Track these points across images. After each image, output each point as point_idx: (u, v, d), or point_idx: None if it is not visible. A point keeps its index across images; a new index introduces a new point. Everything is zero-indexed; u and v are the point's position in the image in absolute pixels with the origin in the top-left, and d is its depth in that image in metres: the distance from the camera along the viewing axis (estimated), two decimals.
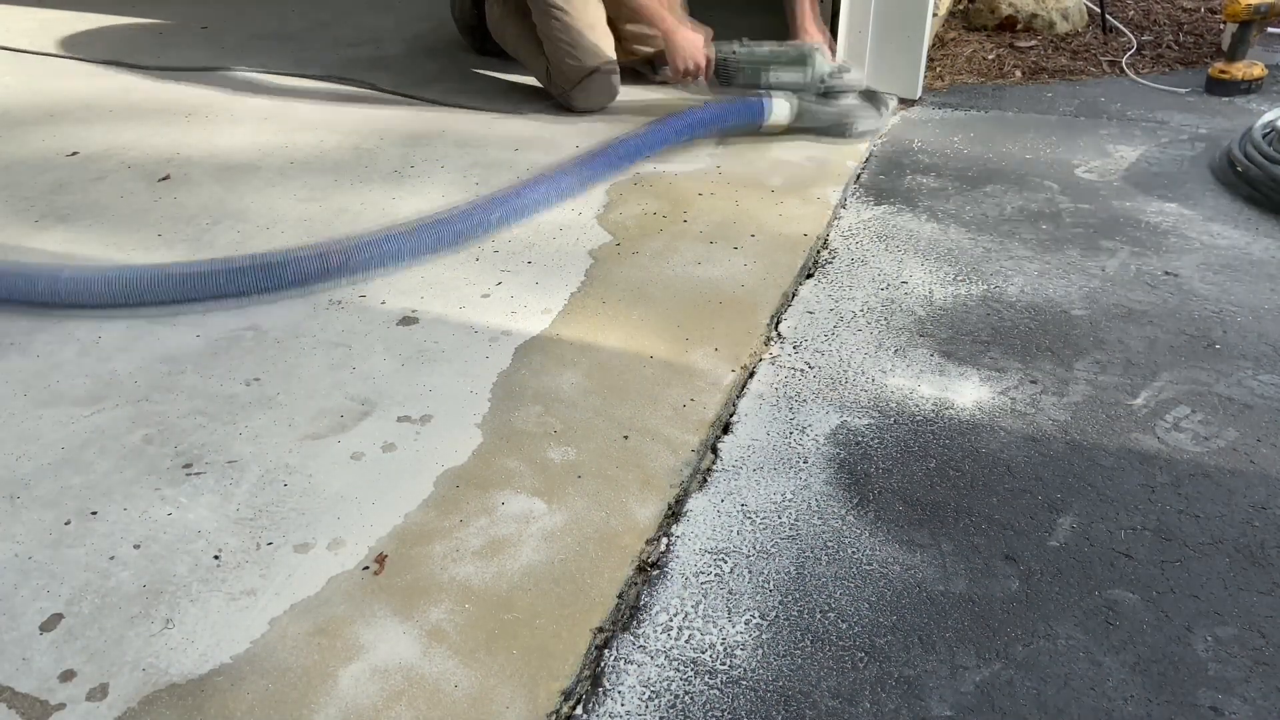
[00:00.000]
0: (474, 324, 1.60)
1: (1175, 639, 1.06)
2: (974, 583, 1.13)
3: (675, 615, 1.10)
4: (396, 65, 2.75)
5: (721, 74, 2.28)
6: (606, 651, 1.05)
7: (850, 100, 2.24)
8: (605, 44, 2.33)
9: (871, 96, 2.28)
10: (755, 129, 2.22)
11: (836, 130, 2.24)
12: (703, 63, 2.26)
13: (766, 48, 2.24)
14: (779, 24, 2.37)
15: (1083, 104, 2.49)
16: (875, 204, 2.01)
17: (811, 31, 2.33)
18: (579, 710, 0.99)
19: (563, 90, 2.36)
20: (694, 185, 2.05)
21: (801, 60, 2.22)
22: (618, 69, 2.36)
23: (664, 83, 2.48)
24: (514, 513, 1.23)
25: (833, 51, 2.35)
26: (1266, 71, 2.53)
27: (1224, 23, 2.52)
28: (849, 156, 2.18)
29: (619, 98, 2.41)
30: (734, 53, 2.25)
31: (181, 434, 1.36)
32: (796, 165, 2.14)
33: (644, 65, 2.50)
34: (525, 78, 2.54)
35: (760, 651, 1.05)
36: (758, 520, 1.22)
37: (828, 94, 2.23)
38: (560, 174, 1.92)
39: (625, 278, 1.72)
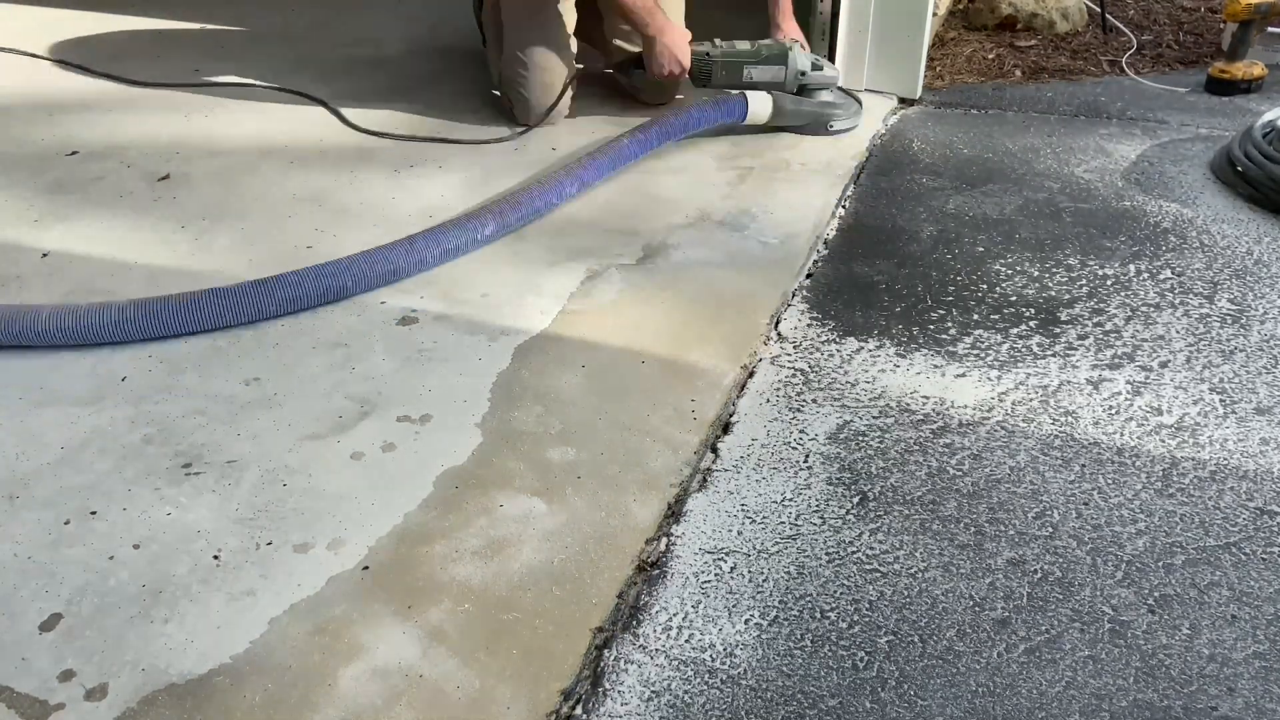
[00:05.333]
0: (474, 324, 1.60)
1: (1179, 641, 1.06)
2: (975, 583, 1.13)
3: (675, 615, 1.10)
4: (395, 67, 2.75)
5: (699, 74, 2.24)
6: (606, 651, 1.05)
7: (826, 96, 2.26)
8: (558, 69, 2.23)
9: (845, 92, 2.33)
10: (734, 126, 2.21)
11: (815, 126, 2.26)
12: (686, 64, 2.22)
13: (743, 46, 2.22)
14: (755, 25, 2.35)
15: (1083, 104, 2.49)
16: (875, 203, 2.01)
17: (786, 28, 2.32)
18: (579, 710, 0.99)
19: (512, 111, 2.30)
20: (691, 189, 2.05)
21: (779, 58, 2.21)
22: (562, 99, 2.26)
23: (633, 92, 2.41)
24: (514, 513, 1.23)
25: (807, 47, 2.35)
26: (1266, 71, 2.52)
27: (1224, 22, 2.52)
28: (849, 156, 2.18)
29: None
30: (709, 54, 2.22)
31: (181, 434, 1.36)
32: (796, 166, 2.14)
33: (621, 70, 2.39)
34: None
35: (760, 651, 1.05)
36: (758, 520, 1.22)
37: (802, 90, 2.25)
38: (538, 194, 1.88)
39: (625, 278, 1.72)
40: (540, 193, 1.88)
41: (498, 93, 2.38)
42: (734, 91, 2.22)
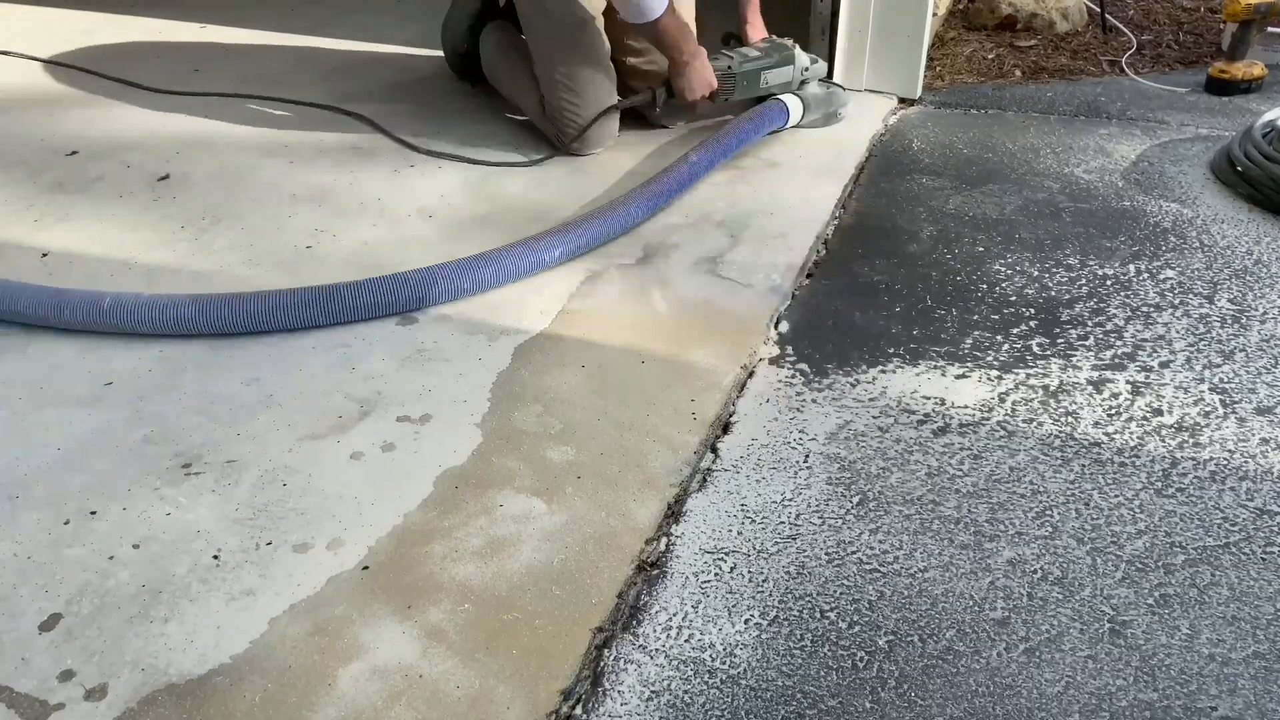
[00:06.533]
0: (473, 324, 1.60)
1: (1179, 641, 1.06)
2: (975, 582, 1.13)
3: (675, 615, 1.10)
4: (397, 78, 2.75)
5: (722, 90, 2.22)
6: (606, 651, 1.05)
7: (814, 89, 2.31)
8: (608, 91, 2.16)
9: (826, 81, 2.39)
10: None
11: (827, 120, 2.32)
12: (715, 84, 2.18)
13: (755, 54, 2.24)
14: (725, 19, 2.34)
15: (1083, 104, 2.49)
16: (875, 204, 2.01)
17: (756, 23, 2.34)
18: (579, 710, 0.99)
19: (561, 140, 2.18)
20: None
21: (789, 59, 2.25)
22: (617, 111, 2.20)
23: (663, 125, 2.33)
24: (514, 512, 1.23)
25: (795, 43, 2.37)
26: (1266, 71, 2.52)
27: (1224, 22, 2.52)
28: (848, 156, 2.18)
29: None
30: (731, 68, 2.22)
31: (181, 434, 1.36)
32: (795, 166, 2.14)
33: (645, 105, 2.26)
34: None
35: (760, 651, 1.05)
36: (758, 520, 1.22)
37: (801, 86, 2.30)
38: (608, 218, 1.82)
39: (625, 277, 1.72)
40: (615, 217, 1.83)
41: (519, 116, 2.29)
42: (775, 99, 2.25)
